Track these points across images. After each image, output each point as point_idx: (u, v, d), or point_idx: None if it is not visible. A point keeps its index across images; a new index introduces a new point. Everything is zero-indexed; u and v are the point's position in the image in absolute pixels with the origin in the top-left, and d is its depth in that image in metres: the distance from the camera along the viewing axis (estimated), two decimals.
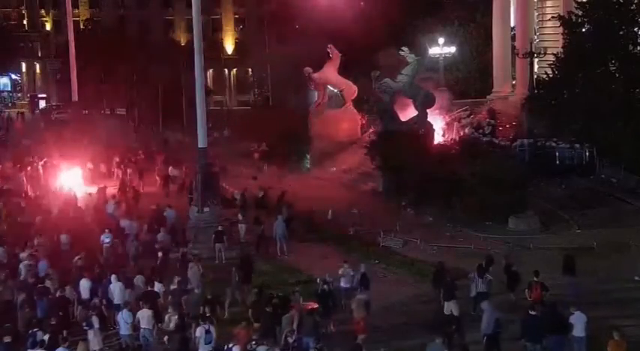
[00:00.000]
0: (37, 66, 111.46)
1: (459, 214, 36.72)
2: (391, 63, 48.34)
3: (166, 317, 24.24)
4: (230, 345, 20.84)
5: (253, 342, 20.84)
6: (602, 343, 20.44)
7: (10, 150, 58.55)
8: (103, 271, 27.77)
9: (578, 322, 21.17)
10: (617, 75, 42.33)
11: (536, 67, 50.29)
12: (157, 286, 25.72)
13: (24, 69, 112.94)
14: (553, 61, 44.63)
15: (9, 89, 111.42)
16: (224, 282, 27.60)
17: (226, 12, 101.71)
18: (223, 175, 42.53)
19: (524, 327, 21.73)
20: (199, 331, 21.93)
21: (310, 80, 54.16)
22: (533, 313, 21.85)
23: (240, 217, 36.09)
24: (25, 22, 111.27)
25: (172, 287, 25.90)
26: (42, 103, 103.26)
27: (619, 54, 42.07)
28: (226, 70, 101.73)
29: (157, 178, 47.84)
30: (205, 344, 21.73)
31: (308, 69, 54.12)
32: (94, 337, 22.19)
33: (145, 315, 23.09)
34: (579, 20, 43.01)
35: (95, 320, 22.92)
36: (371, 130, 51.83)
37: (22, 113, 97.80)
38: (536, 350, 21.51)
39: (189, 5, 38.60)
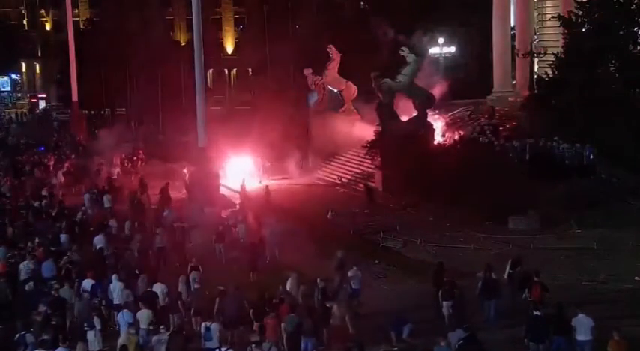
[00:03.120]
0: (37, 66, 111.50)
1: (459, 214, 36.70)
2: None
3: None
4: (223, 349, 20.82)
5: (254, 345, 20.84)
6: (602, 343, 20.42)
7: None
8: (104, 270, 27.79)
9: (579, 325, 21.11)
10: (617, 75, 42.32)
11: (536, 67, 50.33)
12: (158, 287, 25.65)
13: (24, 69, 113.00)
14: (553, 61, 44.62)
15: (9, 89, 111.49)
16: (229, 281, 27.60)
17: (226, 12, 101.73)
18: None
19: (528, 327, 21.73)
20: (202, 328, 22.04)
21: (311, 81, 54.18)
22: (537, 313, 21.84)
23: (239, 217, 36.08)
24: (25, 22, 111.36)
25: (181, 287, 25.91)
26: (42, 103, 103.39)
27: (619, 54, 42.07)
28: (226, 70, 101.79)
29: None
30: (205, 341, 21.81)
31: (308, 70, 54.14)
32: (94, 338, 22.19)
33: (144, 315, 23.08)
34: (579, 20, 42.99)
35: (97, 321, 22.90)
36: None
37: (25, 113, 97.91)
38: (539, 350, 21.51)
39: (189, 5, 38.68)
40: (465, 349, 20.49)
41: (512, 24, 55.12)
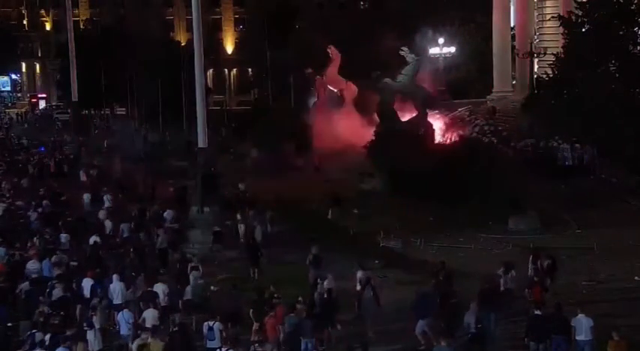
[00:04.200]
0: (37, 66, 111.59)
1: (459, 213, 36.69)
2: None
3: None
4: (224, 348, 20.83)
5: (256, 344, 20.81)
6: (602, 344, 20.42)
7: None
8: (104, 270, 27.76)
9: (579, 325, 21.10)
10: (617, 75, 42.34)
11: (536, 67, 50.39)
12: (159, 287, 25.57)
13: (24, 69, 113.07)
14: (553, 61, 44.65)
15: (9, 89, 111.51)
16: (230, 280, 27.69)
17: (226, 12, 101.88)
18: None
19: (529, 326, 21.76)
20: (204, 328, 22.07)
21: (311, 81, 54.27)
22: (538, 312, 21.87)
23: (238, 216, 36.02)
24: (25, 22, 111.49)
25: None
26: (42, 103, 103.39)
27: (619, 54, 42.10)
28: (226, 70, 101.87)
29: None
30: (208, 341, 21.83)
31: (309, 71, 54.21)
32: (94, 338, 22.15)
33: (149, 315, 23.04)
34: (579, 20, 43.05)
35: (96, 320, 22.87)
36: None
37: (26, 112, 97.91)
38: (540, 350, 21.53)
39: (189, 5, 38.62)
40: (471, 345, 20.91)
41: (512, 24, 55.17)
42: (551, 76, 44.44)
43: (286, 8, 77.91)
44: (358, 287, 25.42)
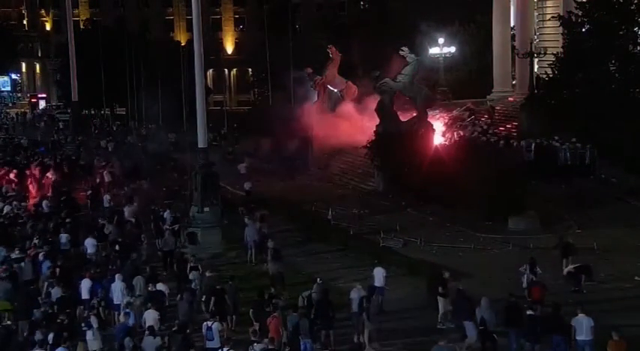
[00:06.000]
0: (37, 66, 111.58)
1: (459, 214, 36.69)
2: None
3: None
4: (225, 348, 20.84)
5: (255, 344, 20.83)
6: (602, 344, 20.44)
7: None
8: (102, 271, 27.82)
9: (579, 325, 21.10)
10: (617, 75, 42.34)
11: (536, 67, 50.28)
12: (160, 287, 25.57)
13: (24, 69, 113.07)
14: (553, 61, 44.63)
15: (9, 89, 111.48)
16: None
17: (226, 12, 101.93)
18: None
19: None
20: (203, 328, 22.07)
21: (312, 81, 54.18)
22: (531, 313, 21.89)
23: (247, 219, 35.95)
24: (25, 22, 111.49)
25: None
26: (42, 103, 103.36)
27: (619, 54, 42.09)
28: (226, 70, 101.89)
29: None
30: (208, 340, 21.83)
31: (308, 69, 54.14)
32: (92, 338, 22.16)
33: (151, 316, 23.03)
34: (579, 20, 43.04)
35: (94, 320, 22.89)
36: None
37: (25, 113, 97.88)
38: (535, 350, 21.54)
39: (189, 5, 38.69)
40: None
41: (512, 24, 55.11)
42: (551, 76, 44.43)
43: (286, 8, 77.93)
44: (376, 283, 25.47)
